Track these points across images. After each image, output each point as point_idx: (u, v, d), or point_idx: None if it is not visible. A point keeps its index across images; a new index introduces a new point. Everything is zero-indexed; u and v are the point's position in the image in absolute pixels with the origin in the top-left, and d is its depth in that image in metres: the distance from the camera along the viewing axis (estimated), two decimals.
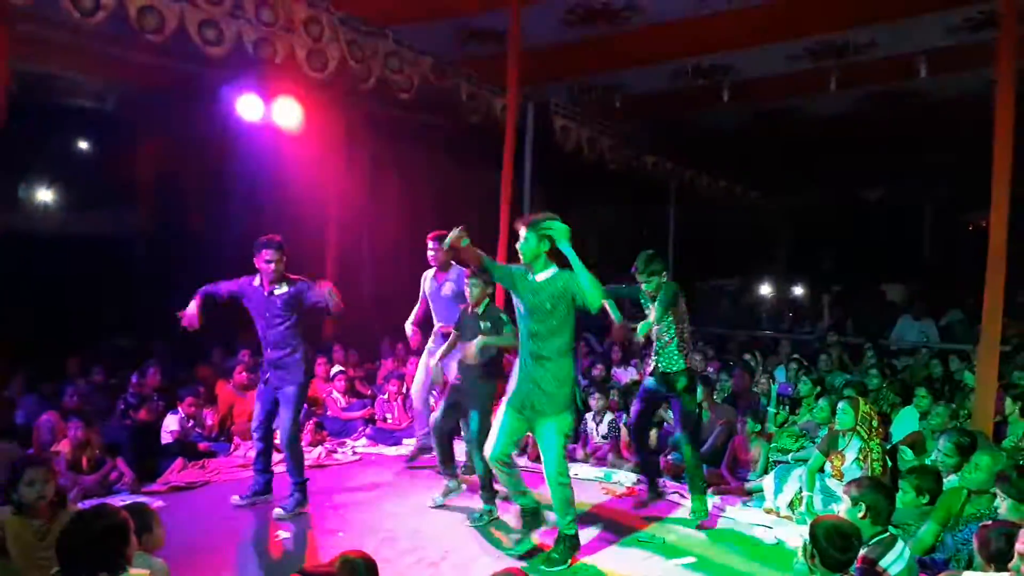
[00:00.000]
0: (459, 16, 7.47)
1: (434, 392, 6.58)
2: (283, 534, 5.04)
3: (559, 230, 4.29)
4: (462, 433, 6.08)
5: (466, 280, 5.39)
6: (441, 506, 5.58)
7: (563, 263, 4.39)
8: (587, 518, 5.39)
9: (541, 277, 4.41)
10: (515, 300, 4.55)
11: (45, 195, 10.21)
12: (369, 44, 7.39)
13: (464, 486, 5.74)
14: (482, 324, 5.24)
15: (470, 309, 5.43)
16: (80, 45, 7.00)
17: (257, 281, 5.37)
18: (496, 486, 5.31)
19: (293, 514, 5.28)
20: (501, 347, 5.27)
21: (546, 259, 4.43)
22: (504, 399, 4.63)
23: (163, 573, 3.20)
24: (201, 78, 7.78)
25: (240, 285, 5.41)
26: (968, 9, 6.94)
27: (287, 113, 8.35)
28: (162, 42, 5.91)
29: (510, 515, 5.16)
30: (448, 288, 6.25)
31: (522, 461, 6.80)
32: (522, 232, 4.40)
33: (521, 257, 4.44)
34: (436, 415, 5.60)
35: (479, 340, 5.04)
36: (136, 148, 10.15)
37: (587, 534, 5.02)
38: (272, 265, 5.24)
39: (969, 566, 3.63)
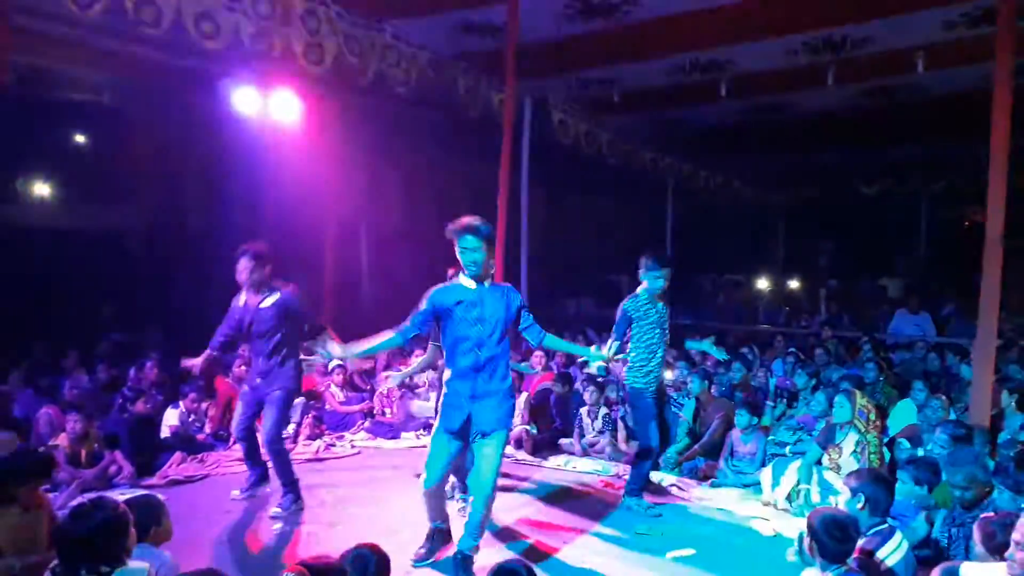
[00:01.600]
0: (457, 10, 7.46)
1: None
2: (280, 526, 5.06)
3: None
4: None
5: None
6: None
7: None
8: (585, 511, 5.42)
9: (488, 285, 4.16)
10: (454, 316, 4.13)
11: (42, 189, 10.19)
12: (367, 38, 7.38)
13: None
14: None
15: None
16: (77, 38, 6.98)
17: (242, 299, 5.24)
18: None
19: (290, 512, 5.22)
20: None
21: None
22: (438, 425, 4.29)
23: (170, 566, 3.21)
24: (198, 72, 7.77)
25: (231, 317, 5.29)
26: (966, 4, 6.94)
27: (284, 107, 8.33)
28: (159, 35, 5.90)
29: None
30: None
31: (520, 454, 6.83)
32: (468, 238, 4.01)
33: (472, 268, 4.07)
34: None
35: None
36: (133, 142, 10.13)
37: (585, 527, 5.05)
38: (245, 275, 5.12)
39: (965, 555, 3.65)
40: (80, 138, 10.19)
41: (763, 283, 16.69)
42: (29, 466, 3.82)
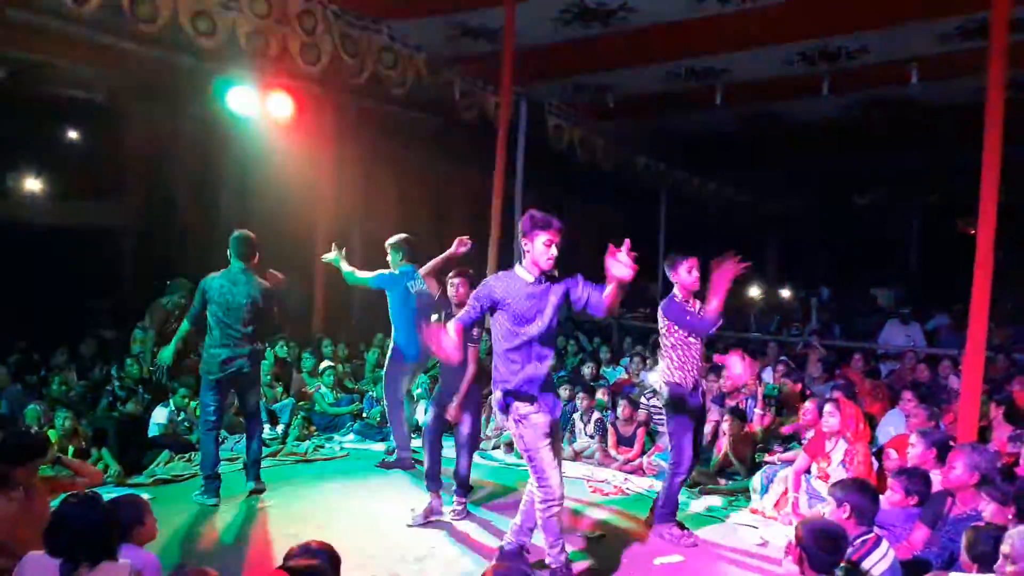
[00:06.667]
0: (454, 13, 7.46)
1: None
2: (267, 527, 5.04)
3: None
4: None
5: None
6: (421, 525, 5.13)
7: None
8: (572, 514, 5.41)
9: None
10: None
11: (33, 185, 10.13)
12: (363, 39, 7.38)
13: (449, 509, 5.31)
14: None
15: None
16: (72, 34, 6.95)
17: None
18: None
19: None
20: None
21: None
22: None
23: (154, 566, 3.19)
24: (193, 70, 7.74)
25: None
26: (960, 18, 6.99)
27: (279, 106, 8.32)
28: (155, 32, 5.89)
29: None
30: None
31: (510, 458, 6.82)
32: None
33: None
34: (428, 420, 5.53)
35: None
36: (126, 139, 10.09)
37: (572, 530, 5.04)
38: None
39: (952, 566, 3.66)
40: (72, 134, 10.12)
41: (755, 291, 16.71)
42: (25, 445, 3.80)
